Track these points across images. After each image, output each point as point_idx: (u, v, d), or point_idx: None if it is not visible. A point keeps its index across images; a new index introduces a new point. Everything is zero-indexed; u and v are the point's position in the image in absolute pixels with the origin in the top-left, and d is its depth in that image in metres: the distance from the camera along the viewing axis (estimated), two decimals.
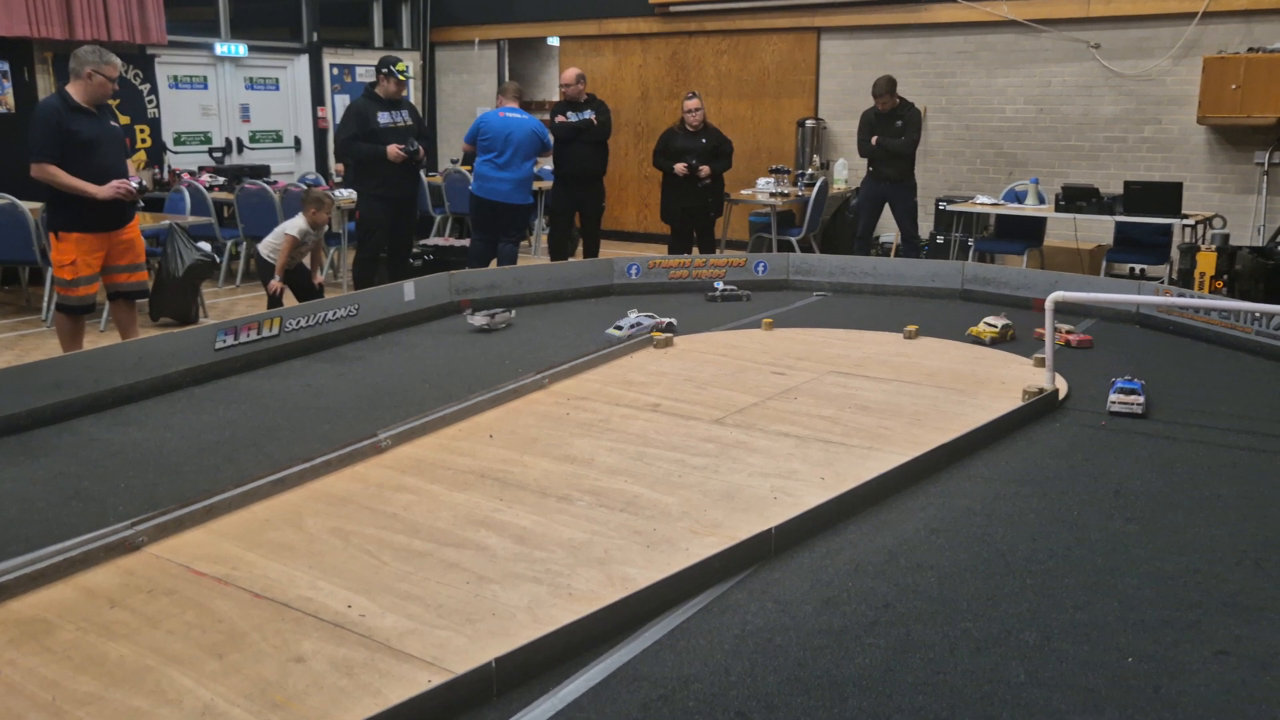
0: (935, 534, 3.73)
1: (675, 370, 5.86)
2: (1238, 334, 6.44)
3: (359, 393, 5.46)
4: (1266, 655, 2.94)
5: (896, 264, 8.67)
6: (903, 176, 9.39)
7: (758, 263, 8.54)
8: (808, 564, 3.48)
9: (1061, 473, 4.35)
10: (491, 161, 8.39)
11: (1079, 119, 10.55)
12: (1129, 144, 10.34)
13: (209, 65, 12.65)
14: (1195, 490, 4.16)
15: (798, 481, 4.15)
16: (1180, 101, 9.99)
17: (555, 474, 4.22)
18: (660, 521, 3.75)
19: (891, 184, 9.39)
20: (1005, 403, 5.14)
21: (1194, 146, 10.03)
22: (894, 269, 8.41)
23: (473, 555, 3.48)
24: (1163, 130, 10.16)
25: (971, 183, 11.09)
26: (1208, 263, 8.00)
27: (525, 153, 8.49)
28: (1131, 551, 3.59)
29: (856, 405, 5.18)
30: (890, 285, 8.26)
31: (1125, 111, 10.30)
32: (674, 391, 5.43)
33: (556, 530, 3.67)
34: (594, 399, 5.29)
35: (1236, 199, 9.86)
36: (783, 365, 5.93)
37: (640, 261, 8.37)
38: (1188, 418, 5.07)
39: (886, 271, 8.37)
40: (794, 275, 8.50)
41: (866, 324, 7.05)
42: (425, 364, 6.10)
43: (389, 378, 5.80)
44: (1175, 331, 6.82)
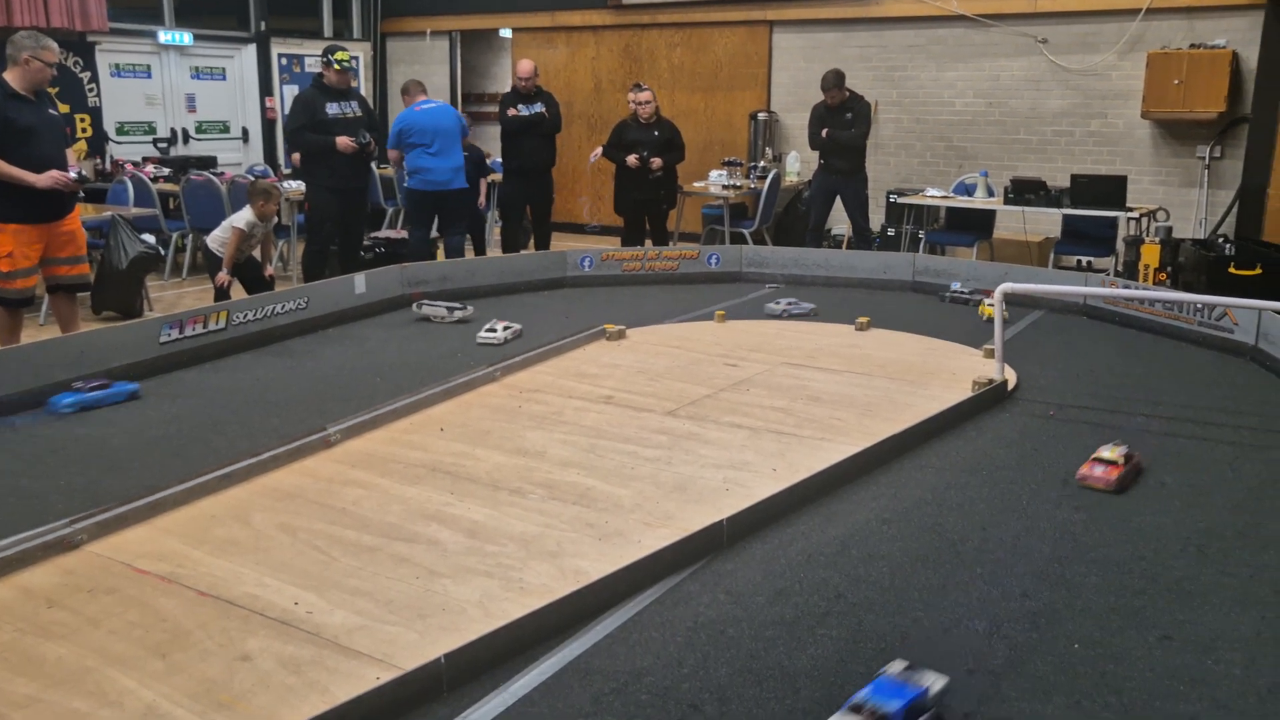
0: (887, 524, 3.75)
1: (628, 362, 5.84)
2: (1181, 325, 6.53)
3: (308, 387, 5.39)
4: (1208, 640, 2.99)
5: (848, 256, 8.70)
6: (854, 169, 9.44)
7: (710, 255, 8.55)
8: (760, 555, 3.48)
9: (1011, 462, 4.39)
10: (425, 152, 8.33)
11: (1027, 113, 10.66)
12: (1076, 138, 10.47)
13: (153, 54, 12.43)
14: (1144, 480, 4.21)
15: (750, 473, 4.15)
16: (1125, 96, 10.13)
17: (507, 467, 4.20)
18: (613, 514, 3.74)
19: (843, 177, 9.43)
20: (955, 393, 5.18)
21: (1138, 140, 10.18)
22: (846, 261, 8.45)
23: (423, 550, 3.45)
24: (1108, 124, 10.30)
25: (922, 175, 11.18)
26: (1152, 255, 8.12)
27: (456, 138, 8.49)
28: (1079, 540, 3.63)
29: (808, 396, 5.20)
30: (842, 277, 8.30)
31: (1072, 106, 10.43)
32: (627, 384, 5.41)
33: (508, 524, 3.65)
34: (546, 391, 5.27)
35: (1179, 192, 10.02)
36: (735, 357, 5.94)
37: (593, 254, 8.35)
38: (1133, 407, 5.14)
39: (838, 263, 8.41)
40: (747, 267, 8.51)
41: (820, 316, 7.07)
42: (376, 357, 6.05)
43: (339, 371, 5.73)
44: (1121, 322, 6.92)
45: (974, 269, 8.08)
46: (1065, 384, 5.54)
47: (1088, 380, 5.64)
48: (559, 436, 4.58)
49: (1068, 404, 5.18)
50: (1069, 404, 5.18)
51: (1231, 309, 6.17)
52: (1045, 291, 6.99)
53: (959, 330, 6.67)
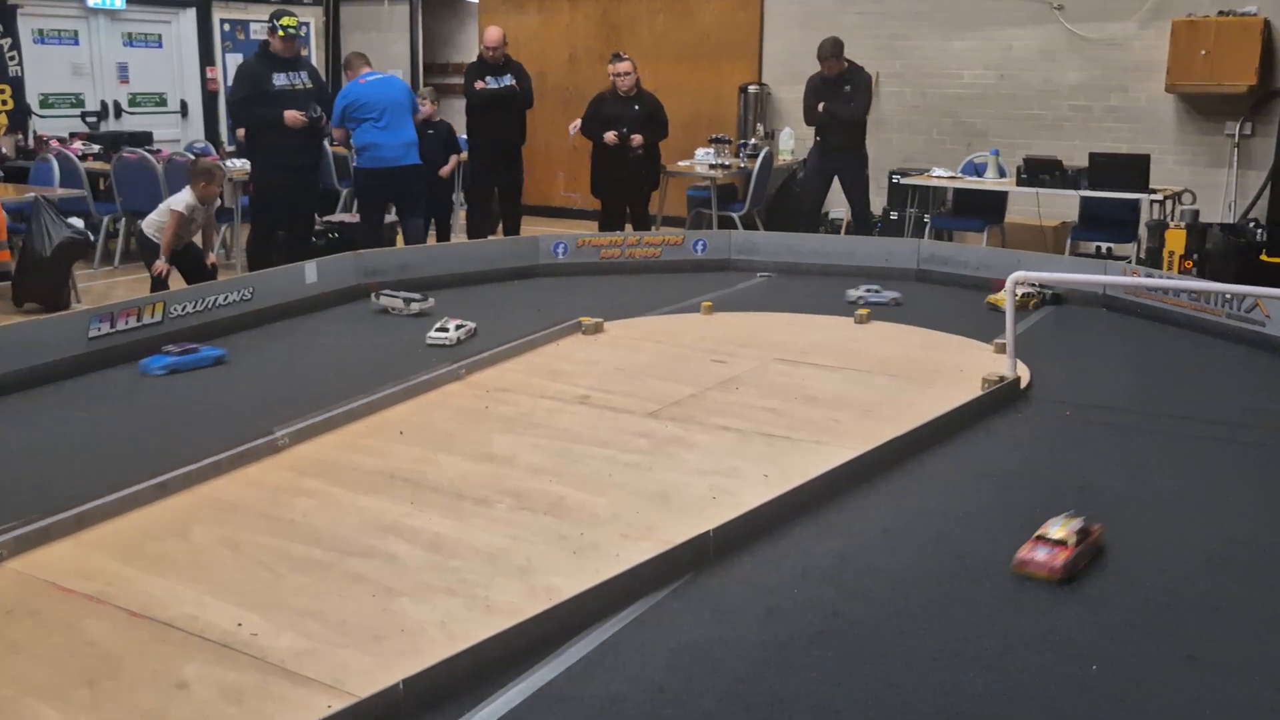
0: (888, 535, 3.76)
1: (606, 359, 5.84)
2: (1208, 317, 6.58)
3: (254, 386, 5.37)
4: (1236, 659, 3.01)
5: (847, 242, 8.71)
6: (853, 147, 9.45)
7: (696, 241, 8.55)
8: (750, 570, 3.49)
9: (1023, 468, 4.41)
10: (374, 127, 8.31)
11: (1041, 86, 10.70)
12: (1094, 114, 10.51)
13: (80, 18, 12.33)
14: (1163, 485, 4.24)
15: (739, 480, 4.16)
16: (1148, 68, 10.18)
17: (472, 474, 4.19)
18: (588, 525, 3.74)
19: (841, 155, 9.44)
20: (963, 392, 5.20)
21: (1162, 117, 10.23)
22: (844, 248, 8.46)
23: (380, 565, 3.44)
24: (1129, 99, 10.34)
25: (927, 154, 11.20)
26: (1177, 241, 8.16)
27: (406, 111, 8.49)
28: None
29: (803, 396, 5.21)
30: (840, 265, 8.31)
31: (1090, 79, 10.48)
32: (604, 382, 5.41)
33: (473, 536, 3.64)
34: (516, 391, 5.26)
35: (1207, 173, 10.08)
36: (723, 353, 5.94)
37: (568, 240, 8.34)
38: (1155, 407, 5.17)
39: (836, 250, 8.43)
40: (736, 255, 8.52)
41: (815, 308, 7.09)
42: (328, 354, 6.03)
43: (288, 369, 5.71)
44: (1143, 314, 6.96)
45: (984, 256, 8.11)
46: (1082, 382, 5.56)
47: (1107, 378, 5.67)
48: (529, 440, 4.57)
49: (1085, 404, 5.21)
50: (1086, 404, 5.21)
51: (1263, 300, 6.21)
52: (1061, 281, 7.02)
53: (967, 323, 6.70)
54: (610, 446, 4.51)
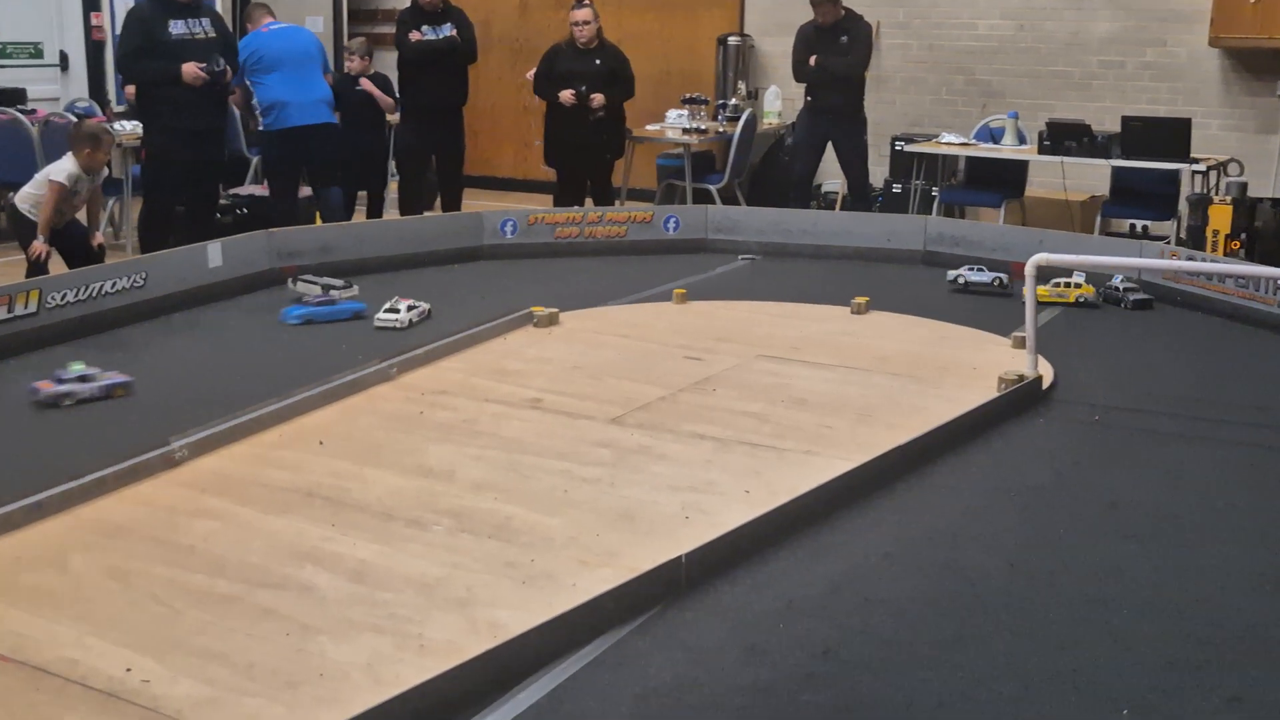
0: (889, 560, 3.77)
1: (561, 356, 5.83)
2: (1258, 306, 6.64)
3: (147, 388, 5.32)
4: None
5: (843, 219, 8.74)
6: (850, 109, 9.48)
7: (667, 217, 8.55)
8: (728, 601, 3.49)
9: (1045, 482, 4.44)
10: (280, 83, 8.28)
11: (1067, 39, 10.77)
12: (1128, 71, 10.59)
13: None
14: (1206, 502, 4.27)
15: (716, 496, 4.16)
16: (1189, 19, 10.25)
17: (405, 491, 4.18)
18: (540, 551, 3.73)
19: (836, 118, 9.47)
20: (977, 393, 5.22)
21: (1205, 75, 10.31)
22: (840, 226, 8.49)
23: (295, 599, 3.42)
24: (1168, 54, 10.42)
25: (936, 118, 11.25)
26: (1222, 218, 8.22)
27: (316, 64, 8.49)
28: (1129, 577, 3.67)
29: (791, 399, 5.22)
30: (835, 246, 8.34)
31: (1123, 31, 10.55)
32: (559, 383, 5.40)
33: (405, 564, 3.63)
34: (456, 393, 5.25)
35: (1256, 140, 10.16)
36: (699, 348, 5.95)
37: (517, 216, 8.32)
38: (1198, 411, 5.21)
39: (830, 229, 8.45)
40: (713, 234, 8.53)
41: (805, 296, 7.11)
42: (235, 350, 5.99)
43: (187, 368, 5.68)
44: (1184, 303, 7.01)
45: (1001, 235, 8.15)
46: (1114, 381, 5.60)
47: (1142, 376, 5.71)
48: (471, 451, 4.57)
49: (1117, 407, 5.24)
50: (1119, 407, 5.25)
51: None
52: (1089, 264, 7.05)
53: (981, 313, 6.74)
54: (566, 458, 4.50)
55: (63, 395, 5.11)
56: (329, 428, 4.82)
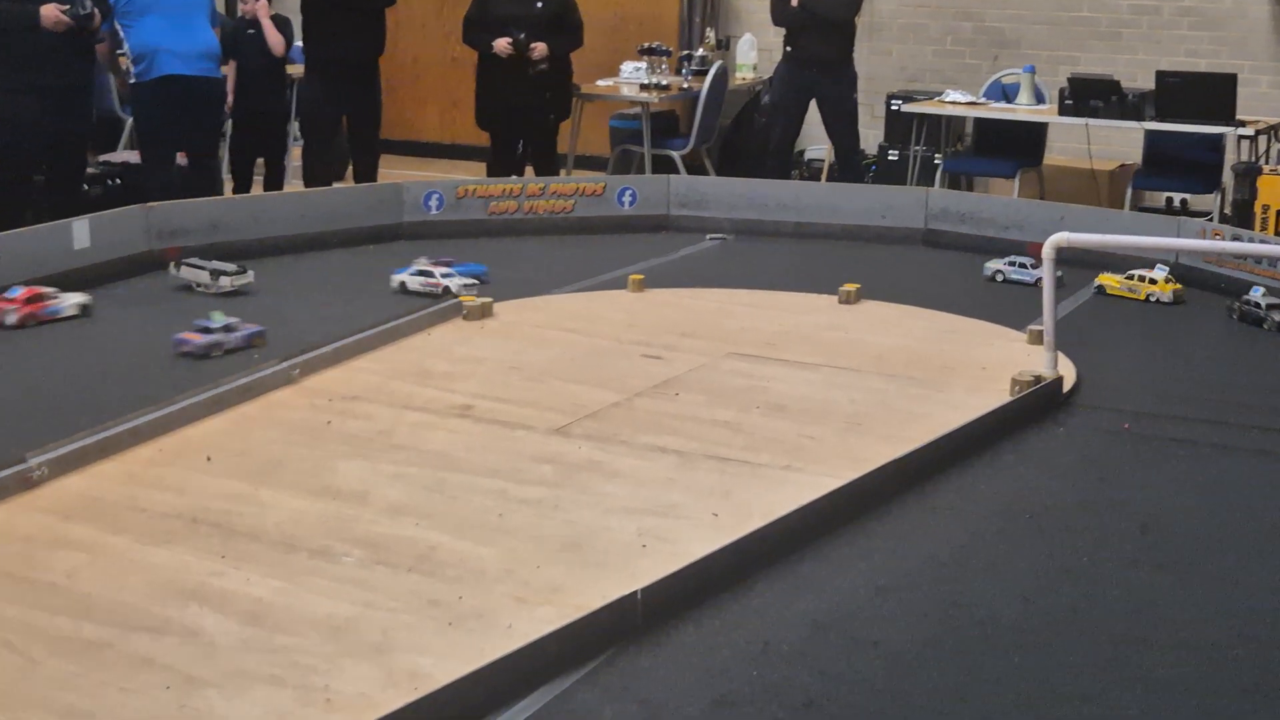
0: (882, 595, 3.78)
1: (496, 354, 5.82)
2: None
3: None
4: None
5: (829, 192, 8.75)
6: (838, 60, 9.49)
7: (622, 190, 8.54)
8: (693, 644, 3.48)
9: (1066, 501, 4.46)
10: (160, 25, 8.22)
11: None
12: (1163, 18, 10.65)
13: None
14: (1253, 524, 4.31)
15: (679, 520, 4.16)
16: None
17: (309, 516, 4.15)
18: (470, 585, 3.72)
19: (821, 71, 9.48)
20: (986, 398, 5.25)
21: (1253, 22, 10.39)
22: (825, 200, 8.50)
23: (177, 645, 3.39)
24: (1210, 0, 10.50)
25: (939, 72, 11.30)
26: (1273, 191, 8.29)
27: (204, 10, 8.46)
28: (1163, 613, 3.69)
29: (768, 404, 5.23)
30: (820, 224, 8.35)
31: None
32: (493, 387, 5.39)
33: (309, 603, 3.61)
34: (371, 399, 5.23)
35: None
36: (659, 345, 5.94)
37: (444, 188, 8.29)
38: (1244, 417, 5.25)
39: (814, 203, 8.46)
40: (677, 209, 8.52)
41: (785, 282, 7.13)
42: (107, 348, 5.95)
43: (49, 370, 5.63)
44: (1229, 291, 7.03)
45: (1015, 210, 8.16)
46: (1147, 383, 5.66)
47: (1180, 377, 5.76)
48: (389, 469, 4.55)
49: (1150, 413, 5.28)
50: (1152, 413, 5.29)
51: None
52: (1119, 245, 7.09)
53: (992, 303, 6.78)
54: (501, 476, 4.48)
55: (213, 346, 5.72)
56: (218, 441, 4.78)
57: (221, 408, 5.06)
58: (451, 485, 4.41)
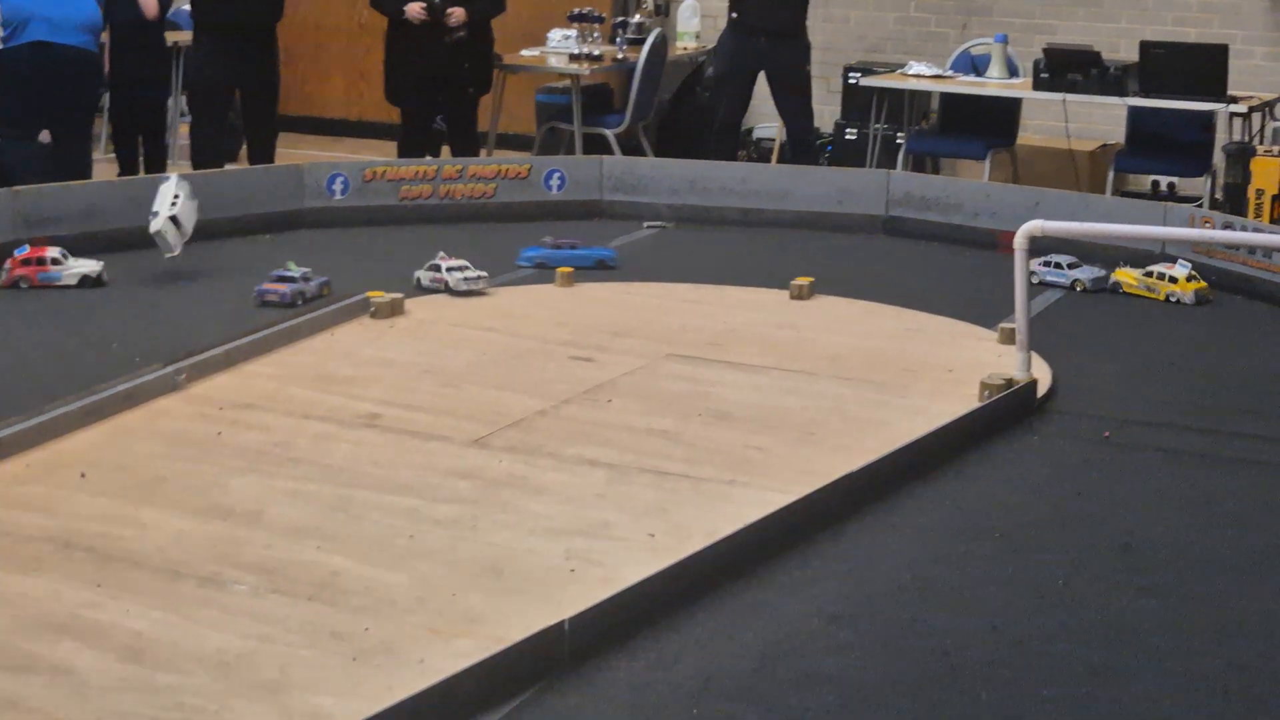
0: (836, 623, 3.79)
1: (407, 357, 5.81)
2: None
3: None
4: None
5: (780, 175, 8.77)
6: (789, 28, 9.50)
7: (550, 172, 8.52)
8: (626, 680, 3.49)
9: (1041, 517, 4.49)
10: None
11: None
12: None
13: None
14: (1244, 542, 4.34)
15: (611, 542, 4.17)
16: None
17: (196, 539, 4.13)
18: (377, 616, 3.71)
19: (771, 41, 9.49)
20: (953, 403, 5.28)
21: None
22: (776, 183, 8.52)
23: (46, 685, 3.36)
24: None
25: (901, 41, 11.32)
26: (1268, 174, 8.35)
27: None
28: (1147, 640, 3.72)
29: (711, 411, 5.24)
30: (770, 210, 8.37)
31: None
32: (404, 393, 5.39)
33: (196, 636, 3.59)
34: (266, 407, 5.21)
35: None
36: (589, 345, 5.95)
37: (350, 170, 8.25)
38: (1235, 424, 5.31)
39: (763, 187, 8.47)
40: (610, 194, 8.52)
41: (731, 275, 7.15)
42: None
43: None
44: (1220, 284, 7.09)
45: (986, 195, 8.19)
46: (1128, 387, 5.70)
47: (1164, 380, 5.81)
48: (286, 485, 4.53)
49: (1131, 419, 5.33)
50: (1134, 419, 5.33)
51: None
52: (1098, 234, 7.14)
53: (961, 298, 6.81)
54: (412, 493, 4.48)
55: (297, 294, 6.36)
56: (93, 455, 4.76)
57: (98, 418, 5.03)
58: (357, 504, 4.40)
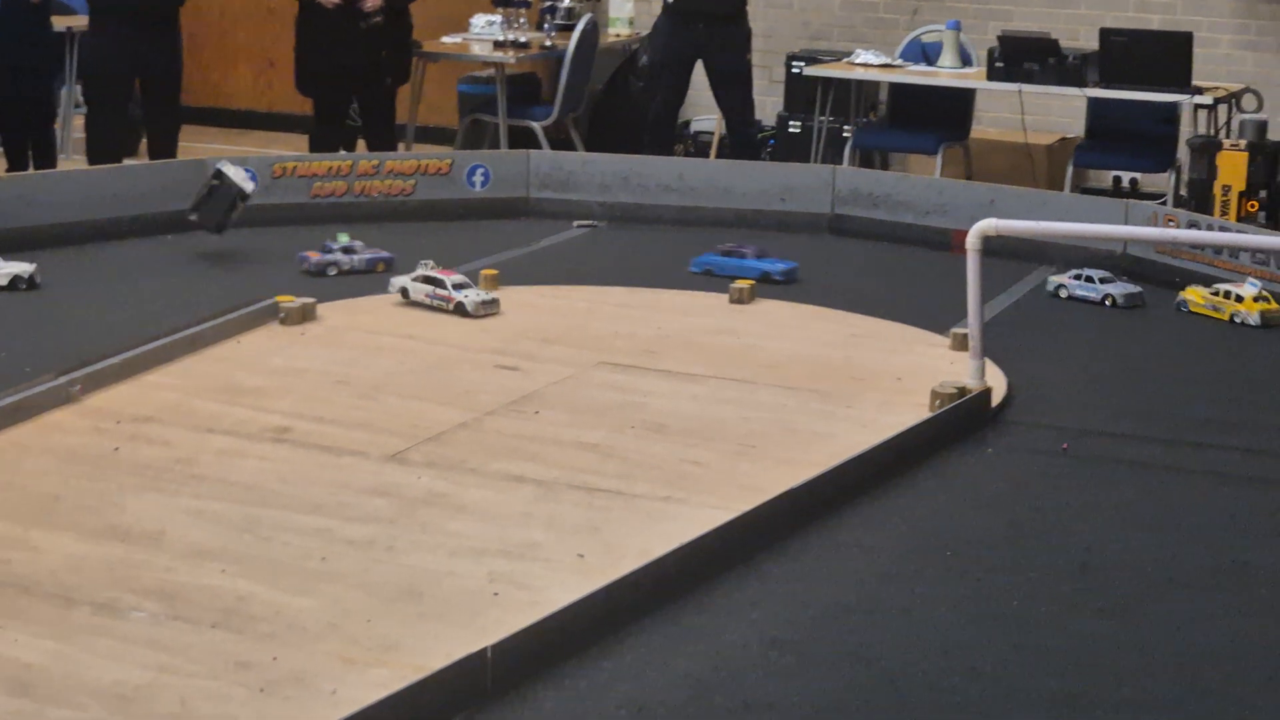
0: (778, 648, 3.79)
1: (320, 365, 5.80)
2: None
3: None
4: None
5: (719, 170, 8.78)
6: (728, 15, 9.54)
7: (473, 168, 8.51)
8: (553, 711, 3.48)
9: (995, 535, 4.51)
10: None
11: None
12: None
13: None
14: (1209, 560, 4.38)
15: (538, 563, 4.16)
16: None
17: (91, 562, 4.11)
18: (286, 644, 3.69)
19: (709, 27, 9.51)
20: (902, 414, 5.30)
21: None
22: (715, 179, 8.54)
23: None
24: None
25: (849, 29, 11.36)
26: (1235, 169, 8.40)
27: None
28: (1106, 665, 3.73)
29: (645, 423, 5.25)
30: (708, 208, 8.39)
31: None
32: (316, 405, 5.38)
33: (92, 667, 3.56)
34: (167, 421, 5.18)
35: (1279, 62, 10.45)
36: (515, 354, 5.95)
37: (258, 165, 8.20)
38: (1199, 434, 5.35)
39: (702, 184, 8.49)
40: (538, 191, 8.52)
41: (667, 278, 7.17)
42: None
43: None
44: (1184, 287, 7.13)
45: (937, 193, 8.22)
46: (1088, 396, 5.74)
47: (1126, 389, 5.86)
48: (188, 504, 4.51)
49: (1092, 430, 5.37)
50: (1094, 430, 5.37)
51: None
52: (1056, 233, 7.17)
53: (912, 301, 6.85)
54: (325, 512, 4.47)
55: (329, 264, 6.95)
56: None
57: None
58: (264, 524, 4.38)
